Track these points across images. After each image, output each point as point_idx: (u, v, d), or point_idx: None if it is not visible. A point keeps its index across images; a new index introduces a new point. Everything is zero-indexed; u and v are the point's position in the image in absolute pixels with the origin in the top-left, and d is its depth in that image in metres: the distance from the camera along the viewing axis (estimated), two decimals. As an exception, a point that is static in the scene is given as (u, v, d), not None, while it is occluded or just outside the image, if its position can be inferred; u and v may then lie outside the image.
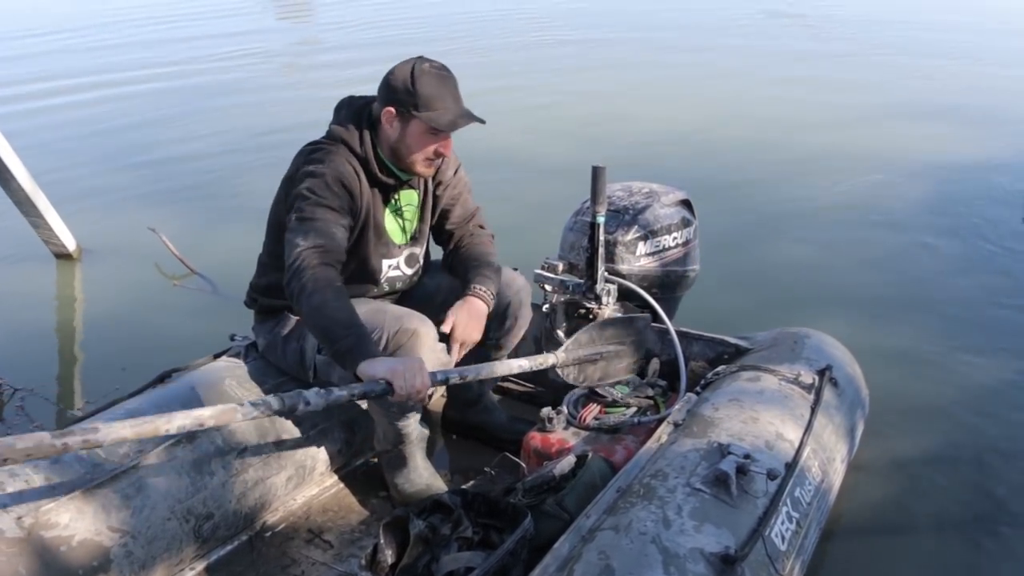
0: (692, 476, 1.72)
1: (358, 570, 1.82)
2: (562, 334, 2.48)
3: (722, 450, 1.79)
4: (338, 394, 1.75)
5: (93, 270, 4.20)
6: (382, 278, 2.21)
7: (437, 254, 2.40)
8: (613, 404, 2.25)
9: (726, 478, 1.69)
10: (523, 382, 2.79)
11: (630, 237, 2.52)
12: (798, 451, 1.89)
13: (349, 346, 1.83)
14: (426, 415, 2.38)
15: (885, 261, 4.09)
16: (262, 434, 2.11)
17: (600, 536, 1.56)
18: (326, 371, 2.11)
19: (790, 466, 1.82)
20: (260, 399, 1.67)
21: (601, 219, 2.38)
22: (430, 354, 1.97)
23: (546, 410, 2.23)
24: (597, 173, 2.34)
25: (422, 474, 2.23)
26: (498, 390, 2.70)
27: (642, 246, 2.53)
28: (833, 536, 2.17)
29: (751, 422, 1.94)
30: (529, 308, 2.36)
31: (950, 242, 4.30)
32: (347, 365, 1.84)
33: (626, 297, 2.52)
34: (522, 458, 2.21)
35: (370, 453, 2.42)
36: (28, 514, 1.68)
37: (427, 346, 1.98)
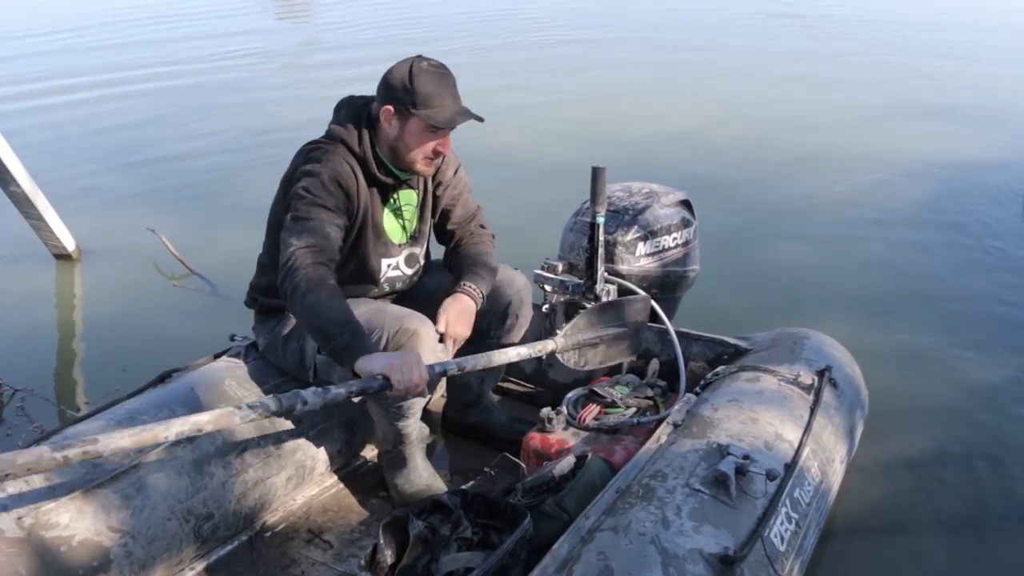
0: (691, 477, 1.72)
1: (358, 570, 1.82)
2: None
3: (721, 451, 1.79)
4: (336, 392, 1.74)
5: (93, 270, 4.20)
6: (381, 278, 2.21)
7: (438, 254, 2.40)
8: (612, 405, 2.25)
9: (725, 479, 1.69)
10: (523, 382, 2.80)
11: (630, 237, 2.52)
12: (797, 452, 1.89)
13: (345, 343, 1.83)
14: (426, 415, 2.38)
15: (885, 261, 4.09)
16: (262, 434, 2.11)
17: (599, 537, 1.56)
18: (326, 371, 2.11)
19: (789, 467, 1.83)
20: (258, 401, 1.67)
21: (601, 219, 2.38)
22: (430, 354, 1.97)
23: (546, 410, 2.23)
24: (597, 173, 2.35)
25: (422, 474, 2.23)
26: (498, 390, 2.70)
27: (642, 246, 2.53)
28: (832, 537, 2.17)
29: (750, 423, 1.94)
30: (530, 307, 2.37)
31: (950, 242, 4.30)
32: (344, 362, 1.84)
33: (626, 297, 2.52)
34: (522, 458, 2.21)
35: (370, 453, 2.42)
36: (28, 514, 1.69)
37: (427, 346, 1.98)
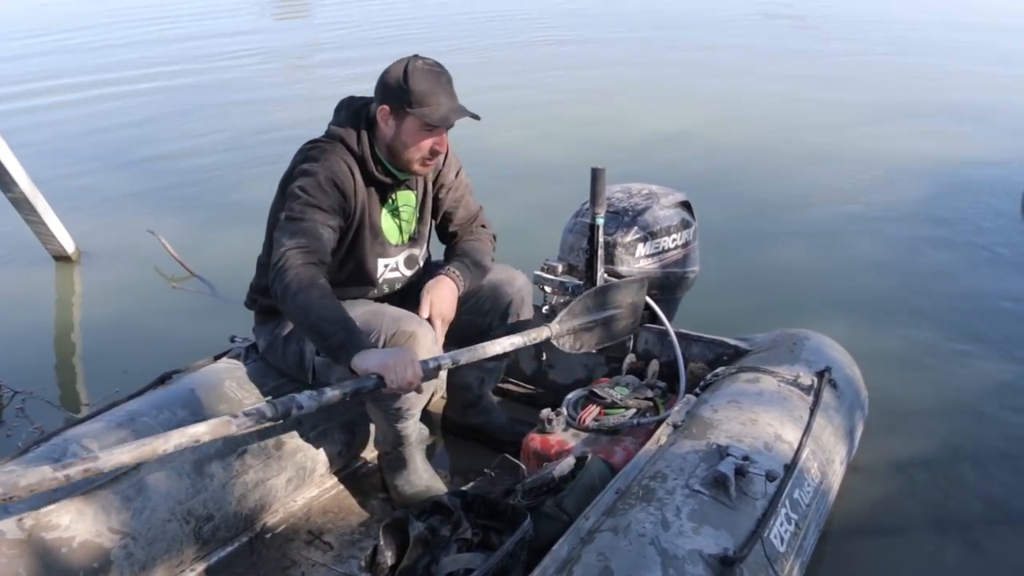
0: (691, 478, 1.72)
1: (358, 572, 1.83)
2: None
3: (721, 452, 1.79)
4: (330, 394, 1.75)
5: (92, 272, 4.20)
6: (379, 278, 2.21)
7: (438, 256, 2.40)
8: (612, 406, 2.25)
9: (725, 480, 1.69)
10: (523, 383, 2.80)
11: (630, 238, 2.52)
12: (797, 452, 1.89)
13: (340, 341, 1.84)
14: (426, 417, 2.38)
15: (884, 262, 4.09)
16: (262, 436, 2.11)
17: (599, 538, 1.56)
18: (325, 372, 2.11)
19: (789, 467, 1.83)
20: (253, 408, 1.68)
21: (600, 220, 2.38)
22: (427, 356, 1.96)
23: (545, 411, 2.23)
24: (596, 175, 2.35)
25: (422, 476, 2.24)
26: (498, 391, 2.70)
27: (641, 247, 2.53)
28: (832, 537, 2.17)
29: (750, 424, 1.94)
30: (531, 307, 2.37)
31: (949, 242, 4.30)
32: (340, 359, 1.85)
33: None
34: (521, 459, 2.21)
35: (370, 455, 2.43)
36: (29, 515, 1.69)
37: (425, 348, 1.99)
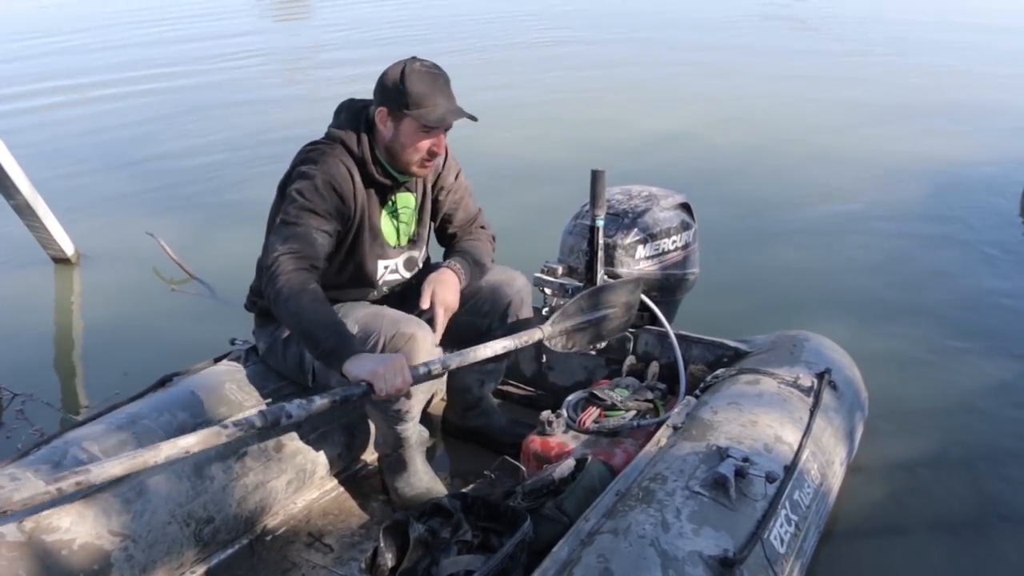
0: (691, 479, 1.72)
1: (358, 573, 1.82)
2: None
3: (721, 453, 1.79)
4: (320, 403, 1.75)
5: (91, 275, 4.20)
6: (379, 280, 2.22)
7: (438, 257, 2.40)
8: (612, 408, 2.25)
9: (725, 481, 1.69)
10: (523, 385, 2.80)
11: (629, 240, 2.52)
12: (797, 454, 1.89)
13: (332, 347, 1.84)
14: (426, 419, 2.38)
15: (884, 263, 4.09)
16: (262, 438, 2.11)
17: (599, 539, 1.56)
18: (324, 375, 2.11)
19: (789, 469, 1.83)
20: (243, 418, 1.69)
21: (600, 222, 2.38)
22: (426, 358, 1.97)
23: (546, 413, 2.23)
24: (596, 176, 2.35)
25: (422, 478, 2.24)
26: (498, 394, 2.70)
27: (641, 249, 2.53)
28: (832, 538, 2.17)
29: (750, 425, 1.94)
30: (530, 308, 2.37)
31: (949, 244, 4.30)
32: (332, 365, 1.85)
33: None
34: (522, 462, 2.21)
35: (370, 457, 2.43)
36: (29, 518, 1.68)
37: (424, 350, 1.99)
